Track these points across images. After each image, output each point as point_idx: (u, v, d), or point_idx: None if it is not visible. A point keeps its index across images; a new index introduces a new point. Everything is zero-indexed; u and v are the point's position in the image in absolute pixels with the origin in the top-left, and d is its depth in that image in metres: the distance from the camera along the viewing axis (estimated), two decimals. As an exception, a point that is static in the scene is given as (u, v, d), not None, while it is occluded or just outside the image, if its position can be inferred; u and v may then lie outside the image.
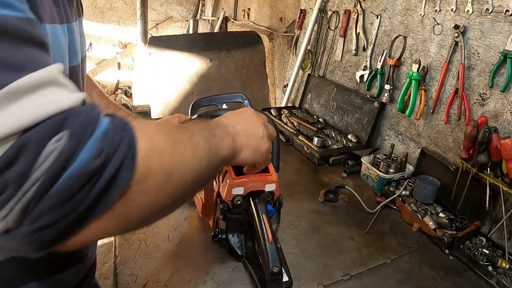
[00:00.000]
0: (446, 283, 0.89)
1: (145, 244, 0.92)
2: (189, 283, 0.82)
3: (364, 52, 1.67)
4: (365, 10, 1.65)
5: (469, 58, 1.17)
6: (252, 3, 3.23)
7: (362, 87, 1.69)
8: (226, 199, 0.80)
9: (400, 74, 1.48)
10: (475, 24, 1.15)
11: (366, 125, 1.58)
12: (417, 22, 1.38)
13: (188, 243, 0.94)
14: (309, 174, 1.40)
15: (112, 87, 4.98)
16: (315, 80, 1.99)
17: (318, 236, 1.02)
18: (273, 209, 0.82)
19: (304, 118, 1.80)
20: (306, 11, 2.14)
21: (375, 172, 1.29)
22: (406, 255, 0.98)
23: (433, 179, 1.22)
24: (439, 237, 1.02)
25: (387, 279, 0.89)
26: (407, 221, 1.12)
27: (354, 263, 0.93)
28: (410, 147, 1.45)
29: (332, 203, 1.19)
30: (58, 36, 0.49)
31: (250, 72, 2.54)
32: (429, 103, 1.33)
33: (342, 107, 1.74)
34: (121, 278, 0.82)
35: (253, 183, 0.78)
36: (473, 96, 1.17)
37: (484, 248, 1.00)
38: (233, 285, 0.82)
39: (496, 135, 1.00)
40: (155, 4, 5.02)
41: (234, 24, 3.68)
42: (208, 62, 2.44)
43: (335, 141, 1.58)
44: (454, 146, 1.25)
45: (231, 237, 0.87)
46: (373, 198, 1.24)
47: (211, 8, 4.51)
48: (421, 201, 1.19)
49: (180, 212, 1.06)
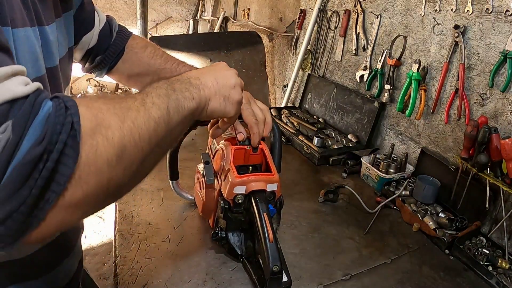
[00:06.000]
0: (446, 283, 0.89)
1: (145, 244, 0.92)
2: (189, 283, 0.82)
3: (364, 52, 1.67)
4: (365, 10, 1.65)
5: (469, 58, 1.17)
6: (252, 3, 3.23)
7: (362, 87, 1.69)
8: (227, 198, 0.80)
9: (400, 74, 1.48)
10: (475, 24, 1.15)
11: (366, 125, 1.58)
12: (417, 22, 1.38)
13: (188, 243, 0.94)
14: (309, 174, 1.40)
15: (112, 87, 4.98)
16: (315, 80, 1.99)
17: (318, 236, 1.02)
18: (274, 209, 0.82)
19: (304, 118, 1.80)
20: (306, 11, 2.14)
21: (375, 172, 1.29)
22: (406, 255, 0.98)
23: (433, 179, 1.22)
24: (439, 237, 1.02)
25: (387, 279, 0.89)
26: (407, 221, 1.12)
27: (354, 263, 0.93)
28: (410, 147, 1.45)
29: (332, 203, 1.19)
30: (29, 39, 0.49)
31: (250, 72, 2.54)
32: (429, 103, 1.33)
33: (342, 107, 1.74)
34: (121, 278, 0.82)
35: (255, 182, 0.78)
36: (473, 96, 1.17)
37: (484, 248, 1.00)
38: (233, 285, 0.82)
39: (496, 135, 1.00)
40: (155, 4, 5.02)
41: (234, 24, 3.68)
42: (208, 62, 2.44)
43: (335, 141, 1.58)
44: (454, 146, 1.25)
45: (231, 236, 0.87)
46: (373, 198, 1.24)
47: (211, 8, 4.51)
48: (421, 201, 1.19)
49: (180, 212, 1.06)
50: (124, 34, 0.92)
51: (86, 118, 0.39)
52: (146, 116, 0.47)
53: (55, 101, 0.39)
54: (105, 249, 2.60)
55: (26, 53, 0.49)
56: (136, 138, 0.44)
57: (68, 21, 0.71)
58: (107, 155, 0.40)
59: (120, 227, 0.98)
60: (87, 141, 0.38)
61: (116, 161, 0.42)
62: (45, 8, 0.58)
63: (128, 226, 0.98)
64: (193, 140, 1.52)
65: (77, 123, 0.38)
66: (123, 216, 1.02)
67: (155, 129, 0.48)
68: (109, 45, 0.88)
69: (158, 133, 0.48)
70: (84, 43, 0.83)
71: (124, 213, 1.03)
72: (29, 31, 0.50)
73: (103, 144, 0.40)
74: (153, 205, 1.07)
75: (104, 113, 0.42)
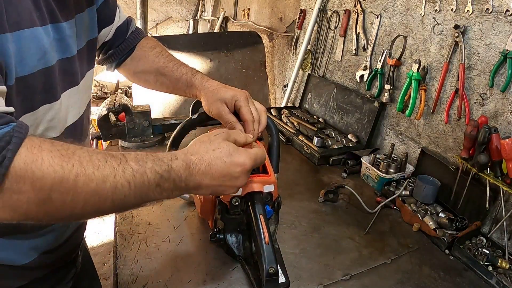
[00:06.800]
0: (446, 283, 0.89)
1: (145, 244, 0.92)
2: (189, 283, 0.82)
3: (364, 52, 1.67)
4: (365, 10, 1.65)
5: (469, 58, 1.17)
6: (252, 3, 3.23)
7: (362, 87, 1.69)
8: (224, 200, 0.80)
9: (400, 74, 1.48)
10: (475, 24, 1.15)
11: (366, 125, 1.58)
12: (417, 22, 1.38)
13: (188, 243, 0.94)
14: (309, 174, 1.40)
15: (112, 87, 4.98)
16: (315, 80, 1.99)
17: (318, 236, 1.02)
18: (271, 210, 0.82)
19: (304, 118, 1.80)
20: (306, 11, 2.14)
21: (375, 172, 1.29)
22: (406, 255, 0.98)
23: (433, 179, 1.22)
24: (439, 237, 1.02)
25: (387, 279, 0.89)
26: (407, 221, 1.12)
27: (354, 263, 0.93)
28: (410, 147, 1.45)
29: (332, 203, 1.19)
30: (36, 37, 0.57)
31: (250, 72, 2.55)
32: (429, 103, 1.33)
33: (342, 107, 1.74)
34: (121, 278, 0.82)
35: (251, 184, 0.78)
36: (473, 96, 1.17)
37: (484, 248, 1.00)
38: (233, 285, 0.82)
39: (496, 135, 1.00)
40: (155, 4, 5.02)
41: (234, 24, 3.68)
42: (208, 62, 2.44)
43: (335, 141, 1.58)
44: (454, 146, 1.25)
45: (229, 237, 0.87)
46: (373, 198, 1.24)
47: (211, 8, 4.51)
48: (421, 201, 1.19)
49: (180, 212, 1.06)
50: (138, 35, 1.00)
51: (22, 159, 0.44)
52: (94, 186, 0.49)
53: (7, 130, 0.44)
54: (105, 249, 2.60)
55: (33, 49, 0.57)
56: (70, 196, 0.47)
57: (91, 15, 0.78)
58: (28, 198, 0.45)
59: (120, 227, 0.98)
60: (13, 181, 0.44)
61: (37, 206, 0.46)
62: (62, 7, 0.65)
63: (128, 226, 0.98)
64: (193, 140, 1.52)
65: (8, 159, 0.43)
66: (123, 216, 1.02)
67: (103, 199, 0.50)
68: (122, 41, 0.96)
69: (108, 203, 0.51)
70: (102, 36, 0.90)
71: (124, 213, 1.03)
72: (38, 30, 0.58)
73: (27, 188, 0.44)
74: (153, 205, 1.07)
75: (46, 163, 0.46)
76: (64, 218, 0.51)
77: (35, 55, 0.57)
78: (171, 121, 1.55)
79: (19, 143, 0.44)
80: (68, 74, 0.70)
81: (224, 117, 0.83)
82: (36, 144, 0.46)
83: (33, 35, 0.56)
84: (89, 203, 0.49)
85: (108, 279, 2.30)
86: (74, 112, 0.75)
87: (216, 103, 0.84)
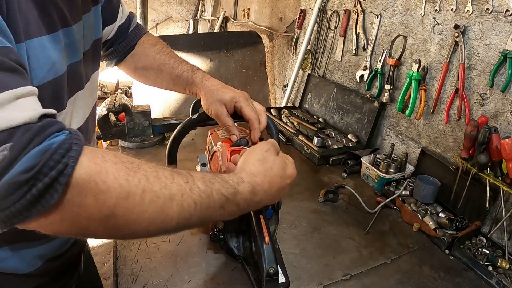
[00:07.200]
0: (446, 283, 0.89)
1: (145, 244, 0.92)
2: (189, 283, 0.82)
3: (364, 52, 1.67)
4: (365, 10, 1.65)
5: (469, 58, 1.17)
6: (252, 3, 3.23)
7: (362, 87, 1.69)
8: None
9: (400, 74, 1.48)
10: (475, 24, 1.15)
11: (366, 125, 1.58)
12: (417, 22, 1.38)
13: (188, 243, 0.94)
14: (309, 174, 1.40)
15: (112, 87, 4.98)
16: (315, 80, 1.99)
17: (318, 236, 1.02)
18: (271, 210, 0.82)
19: (304, 118, 1.80)
20: (306, 11, 2.14)
21: (375, 172, 1.29)
22: (406, 255, 0.98)
23: (433, 179, 1.22)
24: (439, 237, 1.02)
25: (387, 279, 0.89)
26: (407, 221, 1.12)
27: (354, 263, 0.93)
28: (410, 147, 1.45)
29: (332, 203, 1.19)
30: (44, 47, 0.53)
31: (250, 72, 2.55)
32: (429, 103, 1.33)
33: (342, 107, 1.74)
34: (121, 278, 0.82)
35: None
36: (473, 96, 1.17)
37: (484, 248, 1.00)
38: (232, 285, 0.82)
39: (496, 135, 1.00)
40: (155, 4, 5.02)
41: (234, 24, 3.68)
42: (208, 62, 2.44)
43: (335, 141, 1.58)
44: (454, 146, 1.25)
45: (229, 238, 0.87)
46: (373, 198, 1.24)
47: (211, 8, 4.51)
48: (421, 201, 1.19)
49: (180, 212, 1.06)
50: (139, 31, 0.98)
51: (83, 169, 0.41)
52: (161, 204, 0.46)
53: (65, 138, 0.41)
54: (105, 249, 2.60)
55: (42, 59, 0.53)
56: (134, 215, 0.44)
57: (96, 14, 0.76)
58: (90, 213, 0.42)
59: (120, 227, 0.98)
60: (75, 193, 0.41)
61: (99, 222, 0.43)
62: (72, 7, 0.62)
63: (128, 226, 0.98)
64: (193, 140, 1.52)
65: (71, 167, 0.40)
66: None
67: (166, 217, 0.48)
68: (124, 39, 0.94)
69: (175, 222, 0.49)
70: (104, 34, 0.88)
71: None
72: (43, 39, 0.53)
73: (90, 202, 0.41)
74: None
75: (111, 176, 0.42)
76: (124, 236, 0.49)
77: (44, 66, 0.54)
78: (171, 121, 1.55)
79: (80, 150, 0.41)
80: (74, 79, 0.66)
81: (222, 119, 0.84)
82: (99, 155, 0.43)
83: (41, 45, 0.53)
84: (154, 222, 0.46)
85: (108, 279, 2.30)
86: (78, 118, 0.72)
87: (215, 103, 0.84)
